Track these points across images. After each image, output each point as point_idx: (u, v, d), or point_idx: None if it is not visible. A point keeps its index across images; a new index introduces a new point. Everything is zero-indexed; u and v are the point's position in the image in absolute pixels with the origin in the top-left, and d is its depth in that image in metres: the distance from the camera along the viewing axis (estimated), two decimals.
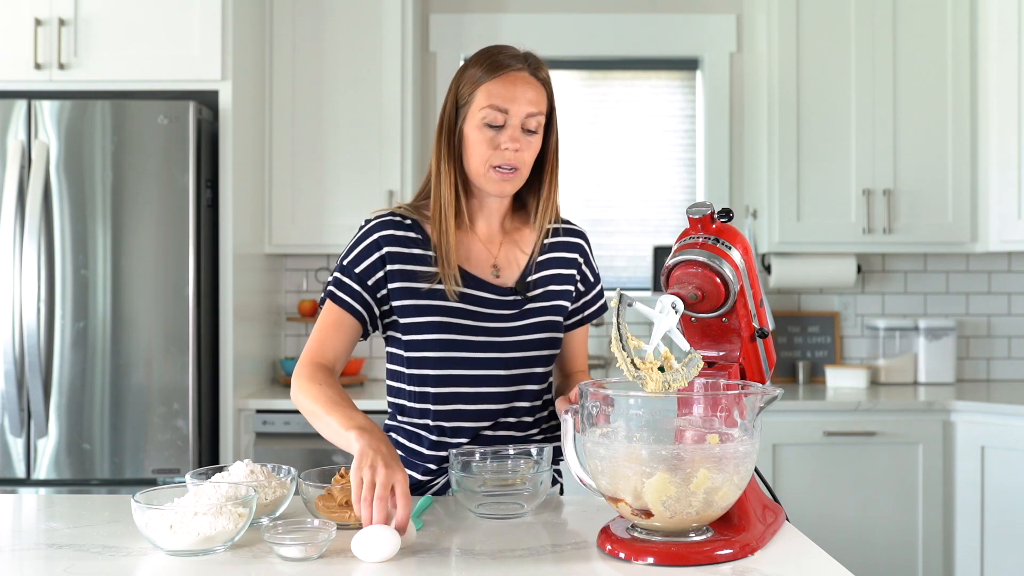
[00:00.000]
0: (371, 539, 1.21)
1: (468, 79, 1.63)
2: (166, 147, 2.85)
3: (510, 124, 1.60)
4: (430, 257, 1.65)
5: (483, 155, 1.61)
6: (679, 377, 1.24)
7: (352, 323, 1.63)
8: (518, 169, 1.62)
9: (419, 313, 1.62)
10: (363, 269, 1.64)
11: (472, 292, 1.64)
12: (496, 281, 1.67)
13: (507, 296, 1.66)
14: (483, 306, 1.64)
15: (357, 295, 1.63)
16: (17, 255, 2.82)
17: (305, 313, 3.53)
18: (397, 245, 1.65)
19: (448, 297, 1.62)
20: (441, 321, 1.61)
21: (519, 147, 1.60)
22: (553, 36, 3.69)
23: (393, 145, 3.36)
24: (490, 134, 1.60)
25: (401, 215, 1.69)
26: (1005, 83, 3.28)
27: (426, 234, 1.67)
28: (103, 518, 1.43)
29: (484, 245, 1.69)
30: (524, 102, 1.60)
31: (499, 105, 1.59)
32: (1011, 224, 3.28)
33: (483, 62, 1.63)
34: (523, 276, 1.68)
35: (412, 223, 1.68)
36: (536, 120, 1.61)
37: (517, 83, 1.61)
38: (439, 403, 1.62)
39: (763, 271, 3.59)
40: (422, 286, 1.63)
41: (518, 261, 1.70)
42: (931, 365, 3.55)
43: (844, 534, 3.10)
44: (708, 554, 1.21)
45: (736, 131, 3.71)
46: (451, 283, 1.62)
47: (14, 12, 2.98)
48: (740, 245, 1.32)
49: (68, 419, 2.84)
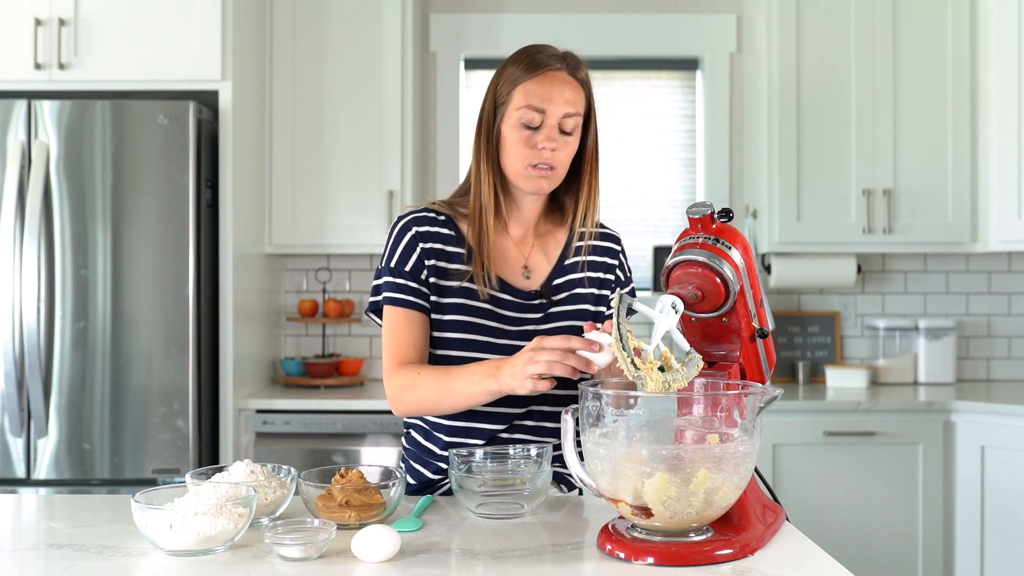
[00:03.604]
0: (371, 539, 1.21)
1: (506, 78, 1.63)
2: (166, 147, 2.85)
3: (547, 124, 1.60)
4: (462, 255, 1.65)
5: (520, 155, 1.61)
6: (679, 377, 1.24)
7: (419, 317, 1.64)
8: (555, 168, 1.62)
9: (445, 311, 1.63)
10: (412, 266, 1.64)
11: (498, 294, 1.64)
12: (525, 283, 1.67)
13: (533, 299, 1.66)
14: (508, 308, 1.64)
15: (414, 291, 1.64)
16: (17, 255, 2.82)
17: (305, 313, 3.53)
18: (432, 241, 1.66)
19: (477, 296, 1.63)
20: (465, 320, 1.62)
21: (555, 147, 1.60)
22: (553, 36, 3.64)
23: (393, 145, 3.36)
24: (527, 134, 1.60)
25: (435, 211, 1.69)
26: (1005, 83, 3.28)
27: (459, 231, 1.67)
28: (103, 518, 1.43)
29: (516, 246, 1.69)
30: (561, 102, 1.59)
31: (536, 105, 1.59)
32: (1011, 224, 3.28)
33: (521, 61, 1.62)
34: (550, 279, 1.69)
35: (446, 219, 1.68)
36: (573, 121, 1.61)
37: (555, 83, 1.60)
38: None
39: (763, 271, 3.59)
40: (452, 284, 1.64)
41: (549, 263, 1.70)
42: (931, 365, 3.55)
43: (844, 534, 3.10)
44: (708, 554, 1.21)
45: (736, 131, 3.71)
46: (483, 283, 1.63)
47: (14, 12, 2.98)
48: (740, 245, 1.32)
49: (68, 419, 2.84)
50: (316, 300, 3.58)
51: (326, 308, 3.52)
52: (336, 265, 3.70)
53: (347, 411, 3.09)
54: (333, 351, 3.70)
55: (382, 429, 3.07)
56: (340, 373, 3.46)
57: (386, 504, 1.39)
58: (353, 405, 3.10)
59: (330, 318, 3.50)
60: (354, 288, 3.71)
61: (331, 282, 3.70)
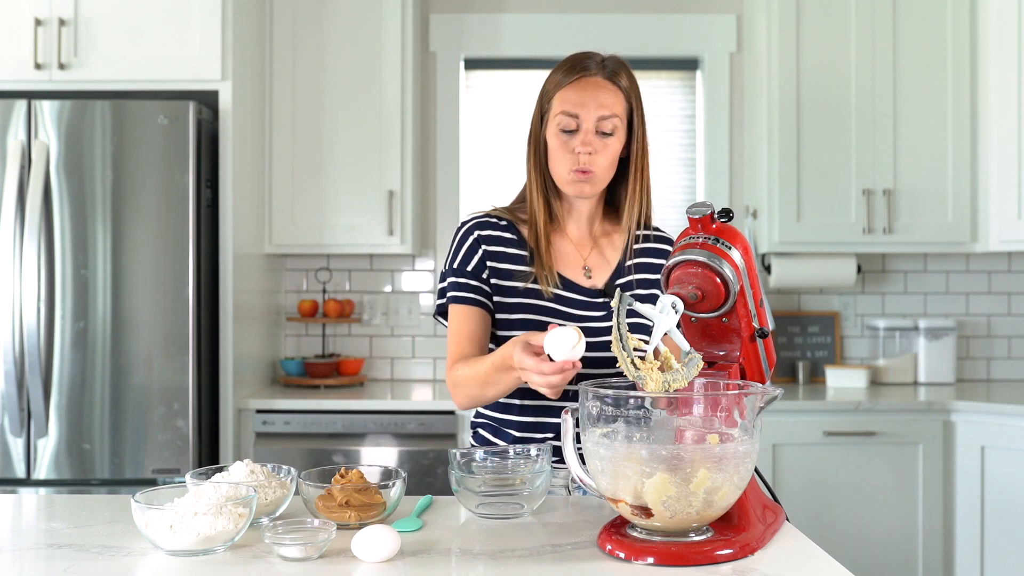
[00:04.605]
0: (371, 539, 1.21)
1: (547, 87, 1.70)
2: (166, 147, 2.85)
3: (582, 128, 1.64)
4: (525, 257, 1.71)
5: (561, 160, 1.66)
6: (679, 377, 1.24)
7: (481, 314, 1.70)
8: (593, 172, 1.66)
9: (511, 310, 1.69)
10: (474, 266, 1.71)
11: (563, 293, 1.69)
12: (587, 283, 1.72)
13: (596, 298, 1.70)
14: (572, 307, 1.69)
15: (476, 289, 1.70)
16: (17, 255, 2.82)
17: (305, 313, 3.53)
18: (494, 244, 1.72)
19: (542, 296, 1.68)
20: (531, 319, 1.67)
21: (591, 150, 1.64)
22: (553, 36, 3.69)
23: (393, 145, 3.36)
24: (565, 139, 1.66)
25: (496, 216, 1.75)
26: (1005, 83, 3.28)
27: (521, 235, 1.73)
28: (103, 518, 1.43)
29: (575, 247, 1.74)
30: (595, 106, 1.64)
31: (570, 111, 1.64)
32: (1011, 224, 3.28)
33: (561, 68, 1.69)
34: (612, 278, 1.73)
35: (507, 224, 1.74)
36: (611, 123, 1.65)
37: (587, 88, 1.65)
38: (526, 398, 1.68)
39: (763, 271, 3.59)
40: (518, 285, 1.69)
41: (609, 263, 1.75)
42: (931, 365, 3.55)
43: (844, 534, 3.10)
44: (708, 554, 1.21)
45: (736, 131, 3.71)
46: (546, 283, 1.68)
47: (14, 12, 2.98)
48: (740, 245, 1.32)
49: (68, 419, 2.84)
50: (316, 300, 3.58)
51: (326, 308, 3.52)
52: (336, 265, 3.70)
53: (347, 411, 3.09)
54: (333, 351, 3.70)
55: (382, 429, 3.07)
56: (340, 373, 3.47)
57: (386, 504, 1.39)
58: (353, 405, 3.10)
59: (330, 318, 3.50)
60: (354, 288, 3.71)
61: (331, 282, 3.70)
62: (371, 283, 3.72)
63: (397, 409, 3.09)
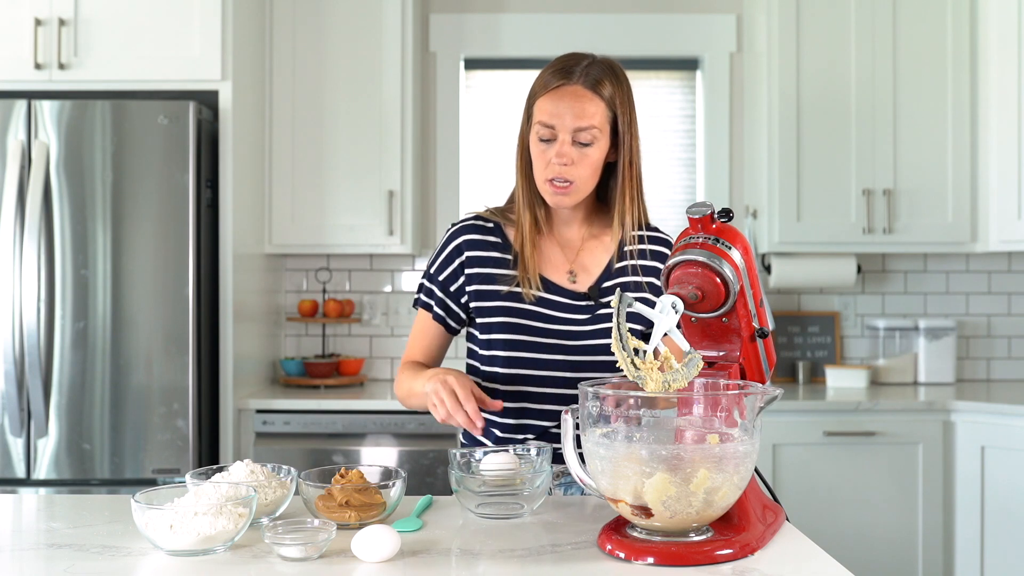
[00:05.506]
0: (371, 539, 1.20)
1: (534, 88, 1.67)
2: (166, 147, 2.85)
3: (558, 139, 1.62)
4: (509, 260, 1.71)
5: (539, 169, 1.65)
6: (679, 377, 1.24)
7: (436, 326, 1.77)
8: (572, 183, 1.63)
9: (494, 314, 1.68)
10: (446, 276, 1.73)
11: (547, 296, 1.68)
12: (571, 286, 1.70)
13: (580, 301, 1.69)
14: (556, 309, 1.68)
15: (440, 301, 1.74)
16: (17, 255, 2.82)
17: (305, 313, 3.53)
18: (477, 249, 1.72)
19: (524, 300, 1.67)
20: (513, 322, 1.67)
21: (566, 161, 1.61)
22: (553, 36, 3.69)
23: (393, 145, 3.36)
24: (543, 147, 1.64)
25: (485, 218, 1.76)
26: (1005, 83, 3.28)
27: (507, 238, 1.73)
28: (103, 518, 1.43)
29: (562, 250, 1.73)
30: (570, 117, 1.60)
31: (546, 121, 1.62)
32: (1011, 224, 3.28)
33: (547, 72, 1.66)
34: (598, 282, 1.71)
35: (495, 226, 1.74)
36: (589, 134, 1.61)
37: (564, 98, 1.61)
38: (507, 400, 1.68)
39: (763, 271, 3.59)
40: (501, 288, 1.69)
41: (597, 266, 1.73)
42: (931, 365, 3.55)
43: (844, 534, 3.10)
44: (708, 554, 1.21)
45: (736, 131, 3.71)
46: (528, 286, 1.68)
47: (14, 12, 2.98)
48: (740, 245, 1.32)
49: (68, 419, 2.84)
50: (316, 300, 3.59)
51: (326, 308, 3.52)
52: (336, 265, 3.70)
53: (347, 411, 3.09)
54: (333, 351, 3.70)
55: (382, 429, 3.07)
56: (340, 373, 3.47)
57: (386, 504, 1.39)
58: (353, 405, 3.10)
59: (330, 318, 3.50)
60: (354, 288, 3.71)
61: (331, 282, 3.70)
62: (371, 283, 3.72)
63: (397, 409, 3.09)
